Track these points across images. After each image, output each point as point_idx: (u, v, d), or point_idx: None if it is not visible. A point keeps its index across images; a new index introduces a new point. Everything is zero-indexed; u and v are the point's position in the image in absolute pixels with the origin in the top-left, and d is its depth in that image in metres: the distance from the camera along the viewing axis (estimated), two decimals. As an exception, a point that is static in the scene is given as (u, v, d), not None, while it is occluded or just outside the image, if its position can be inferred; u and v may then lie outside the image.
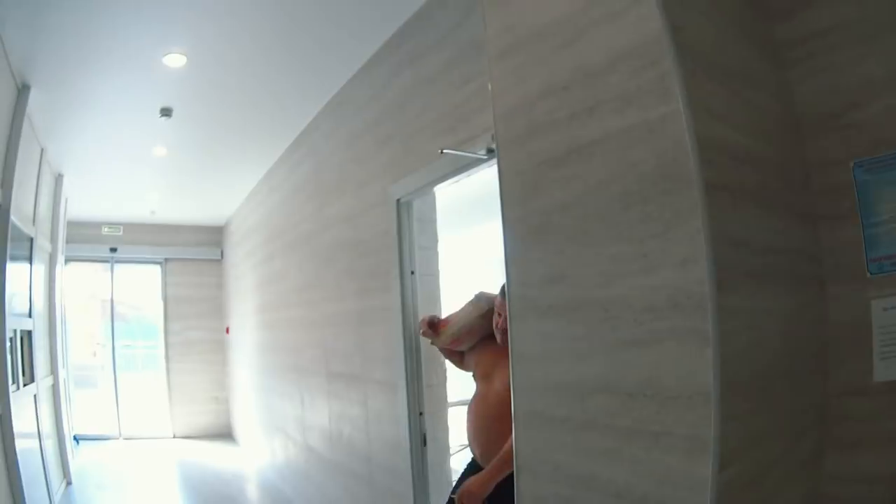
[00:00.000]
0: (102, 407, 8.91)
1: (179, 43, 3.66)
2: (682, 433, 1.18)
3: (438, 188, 3.26)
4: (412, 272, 3.45)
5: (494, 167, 1.71)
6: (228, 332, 8.94)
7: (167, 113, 4.66)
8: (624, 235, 1.29)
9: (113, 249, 8.98)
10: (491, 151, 2.51)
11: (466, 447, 2.77)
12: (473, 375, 2.75)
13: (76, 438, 7.51)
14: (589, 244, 1.38)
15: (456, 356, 2.96)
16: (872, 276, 1.45)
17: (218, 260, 9.50)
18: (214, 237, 9.55)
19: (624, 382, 1.29)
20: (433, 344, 2.93)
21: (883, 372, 1.44)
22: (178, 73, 3.98)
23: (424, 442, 3.32)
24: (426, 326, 2.87)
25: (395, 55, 3.53)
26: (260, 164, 6.32)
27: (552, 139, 1.48)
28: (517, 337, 1.62)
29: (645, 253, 1.24)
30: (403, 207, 3.47)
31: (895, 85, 1.44)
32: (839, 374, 1.53)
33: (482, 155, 2.59)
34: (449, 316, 2.86)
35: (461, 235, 7.30)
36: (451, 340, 2.81)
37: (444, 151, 2.65)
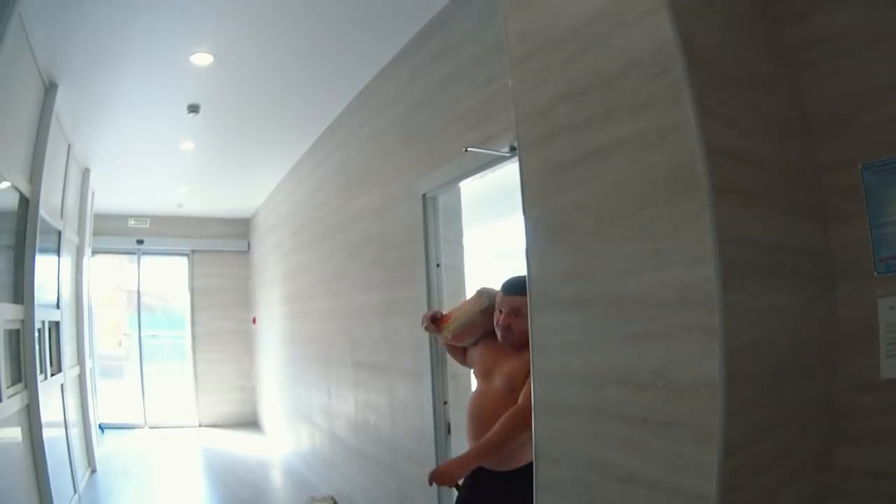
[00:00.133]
0: (128, 396, 9.07)
1: (206, 43, 3.75)
2: (690, 423, 1.24)
3: (464, 183, 3.34)
4: (437, 265, 3.54)
5: (517, 164, 1.78)
6: (255, 322, 9.04)
7: (195, 109, 4.76)
8: (637, 235, 1.36)
9: (139, 241, 9.14)
10: (514, 149, 2.57)
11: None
12: (474, 372, 2.75)
13: (101, 427, 7.67)
14: (604, 242, 1.45)
15: (459, 352, 2.95)
16: (879, 275, 1.49)
17: (245, 251, 9.61)
18: (241, 229, 9.67)
19: (636, 374, 1.36)
20: (435, 338, 2.89)
21: (889, 369, 1.47)
22: (205, 71, 4.08)
23: (449, 430, 3.42)
24: (428, 321, 2.85)
25: (419, 53, 3.61)
26: (286, 157, 6.40)
27: (570, 142, 1.55)
28: (537, 329, 1.70)
29: (656, 252, 1.31)
30: (429, 202, 3.56)
31: (903, 90, 1.48)
32: (848, 370, 1.56)
33: (505, 152, 2.66)
34: (452, 311, 2.86)
35: (488, 228, 7.35)
36: (452, 336, 2.79)
37: (468, 149, 2.71)
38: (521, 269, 1.78)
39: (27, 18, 3.19)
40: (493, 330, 2.61)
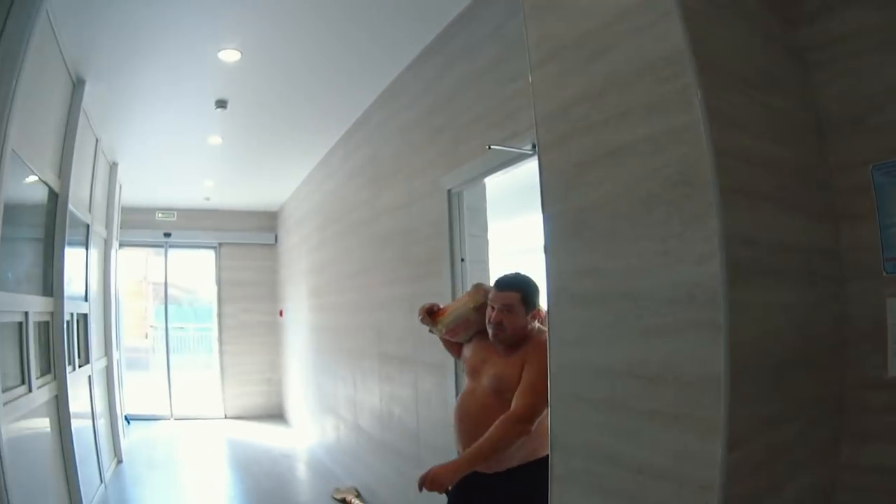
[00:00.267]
0: (154, 388, 9.17)
1: (233, 39, 3.80)
2: (696, 415, 1.29)
3: (490, 178, 3.38)
4: (462, 259, 3.60)
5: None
6: (282, 314, 9.12)
7: (222, 104, 4.81)
8: (648, 234, 1.41)
9: (167, 234, 9.22)
10: (535, 147, 2.61)
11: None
12: (465, 369, 2.68)
13: (127, 418, 7.78)
14: (618, 241, 1.51)
15: (454, 347, 2.88)
16: (889, 274, 1.50)
17: (272, 244, 9.66)
18: (269, 222, 9.72)
19: (647, 367, 1.41)
20: (431, 332, 2.85)
21: (897, 367, 1.49)
22: (232, 67, 4.13)
23: (471, 423, 3.47)
24: (424, 314, 2.77)
25: (445, 49, 3.66)
26: (314, 151, 6.44)
27: (586, 142, 1.60)
28: (555, 323, 1.76)
29: (666, 250, 1.36)
30: (454, 197, 3.62)
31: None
32: (857, 367, 1.58)
33: (528, 150, 2.70)
34: (448, 305, 2.80)
35: (514, 223, 7.38)
36: (446, 330, 2.73)
37: (491, 147, 2.76)
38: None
39: (54, 16, 3.26)
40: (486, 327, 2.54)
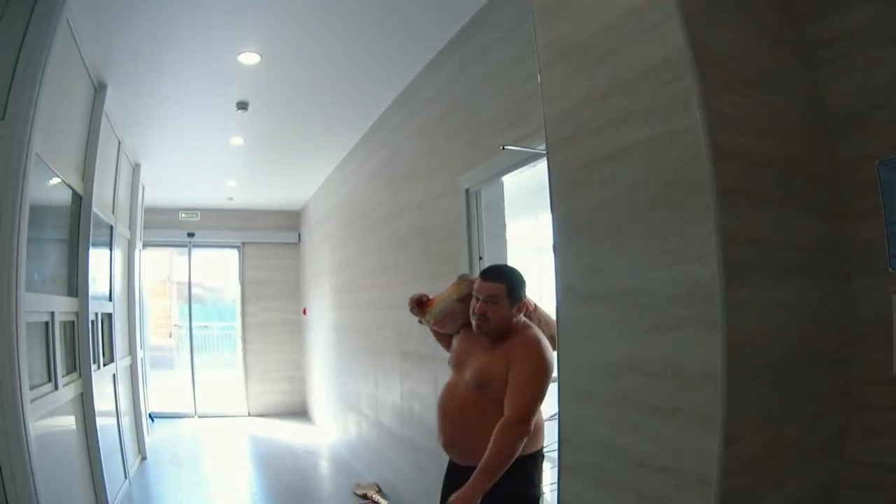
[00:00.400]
0: (178, 386, 9.23)
1: (253, 42, 3.86)
2: (695, 410, 1.33)
3: (510, 175, 3.41)
4: (480, 258, 3.63)
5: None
6: (305, 313, 9.18)
7: (243, 106, 4.86)
8: (650, 233, 1.44)
9: (190, 234, 9.27)
10: (547, 147, 2.65)
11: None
12: (449, 361, 2.60)
13: (151, 416, 7.86)
14: (622, 240, 1.54)
15: (444, 339, 2.80)
16: (894, 270, 1.51)
17: (295, 243, 9.69)
18: (292, 221, 9.75)
19: (648, 363, 1.45)
20: (421, 323, 2.77)
21: (901, 364, 1.49)
22: (252, 69, 4.19)
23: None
24: (413, 304, 2.71)
25: (460, 51, 3.70)
26: (335, 151, 6.48)
27: (593, 144, 1.64)
28: (563, 320, 1.80)
29: (667, 249, 1.39)
30: (472, 196, 3.66)
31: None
32: (862, 364, 1.59)
33: (541, 150, 2.73)
34: (436, 295, 2.72)
35: (536, 220, 7.40)
36: (434, 321, 2.67)
37: (504, 147, 2.80)
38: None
39: (75, 23, 3.35)
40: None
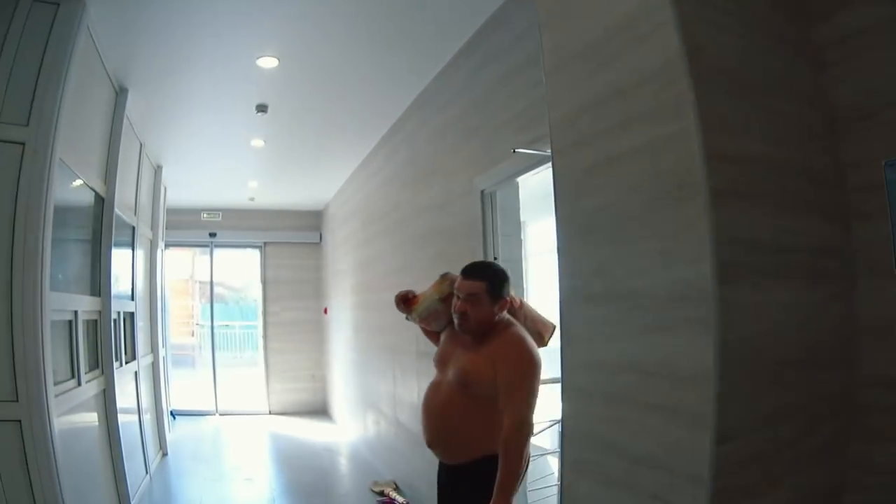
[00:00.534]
0: (200, 385, 9.32)
1: (271, 47, 3.92)
2: (689, 409, 1.36)
3: (527, 176, 3.44)
4: (495, 258, 3.67)
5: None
6: (327, 312, 9.22)
7: (263, 109, 4.92)
8: (648, 235, 1.48)
9: (212, 234, 9.34)
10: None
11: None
12: (434, 359, 2.57)
13: (173, 413, 7.94)
14: (621, 242, 1.58)
15: (433, 336, 2.78)
16: None
17: (317, 243, 9.74)
18: (313, 221, 9.80)
19: (645, 363, 1.48)
20: (408, 320, 2.72)
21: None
22: (271, 73, 4.25)
23: (503, 416, 3.55)
24: (400, 301, 2.68)
25: (477, 53, 3.74)
26: (356, 152, 6.52)
27: (594, 148, 1.67)
28: (566, 320, 1.84)
29: (663, 251, 1.43)
30: (487, 197, 3.70)
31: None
32: (868, 366, 1.58)
33: (549, 154, 2.76)
34: (422, 292, 2.69)
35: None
36: (419, 319, 2.64)
37: (515, 150, 2.84)
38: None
39: (95, 30, 3.44)
40: None
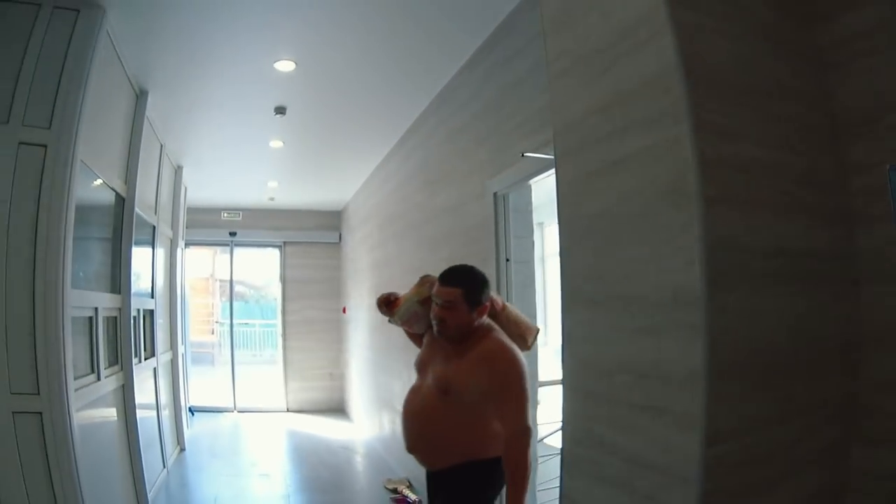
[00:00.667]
0: (219, 382, 9.45)
1: (288, 50, 3.99)
2: (679, 410, 1.38)
3: (545, 179, 3.47)
4: (507, 259, 3.71)
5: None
6: (345, 311, 9.29)
7: (281, 111, 5.00)
8: (643, 240, 1.50)
9: (232, 234, 9.45)
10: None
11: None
12: (414, 363, 2.55)
13: (191, 410, 8.04)
14: (618, 246, 1.61)
15: (416, 339, 2.74)
16: None
17: (336, 243, 9.81)
18: (333, 221, 9.87)
19: (639, 364, 1.51)
20: (391, 322, 2.68)
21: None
22: (288, 76, 4.33)
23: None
24: (381, 303, 2.63)
25: (490, 57, 3.77)
26: (374, 154, 6.60)
27: (595, 153, 1.70)
28: (567, 322, 1.87)
29: (657, 256, 1.45)
30: (500, 200, 3.73)
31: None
32: (872, 371, 1.58)
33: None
34: (404, 295, 2.63)
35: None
36: (401, 321, 2.61)
37: (524, 154, 2.86)
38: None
39: (115, 35, 3.53)
40: None
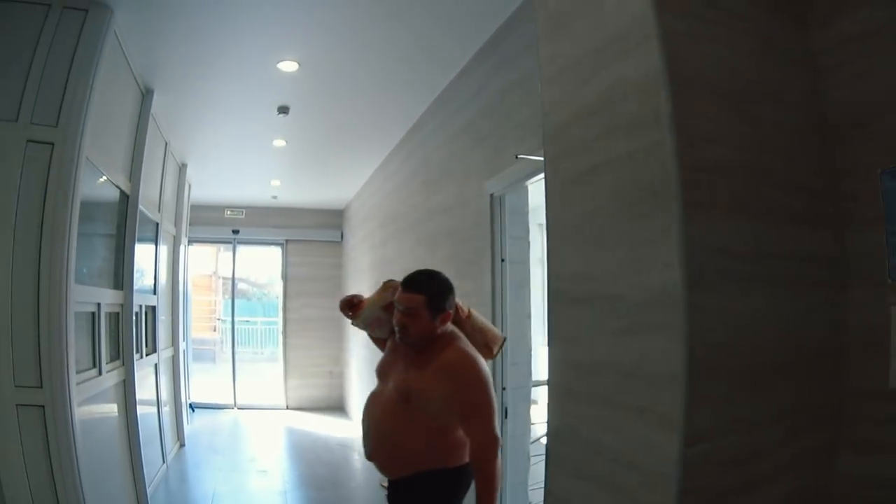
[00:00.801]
0: (220, 379, 9.56)
1: (291, 51, 4.05)
2: (659, 410, 1.40)
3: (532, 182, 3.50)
4: (503, 260, 3.74)
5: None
6: None
7: (284, 110, 5.05)
8: (626, 242, 1.52)
9: (235, 231, 9.57)
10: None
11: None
12: (375, 368, 2.53)
13: (192, 406, 8.11)
14: (602, 248, 1.63)
15: (380, 343, 2.70)
16: (894, 282, 1.48)
17: (338, 241, 9.88)
18: (334, 220, 9.93)
19: (622, 364, 1.53)
20: (355, 325, 2.64)
21: (899, 377, 1.47)
22: (291, 76, 4.38)
23: (506, 415, 3.62)
24: (344, 306, 2.58)
25: (488, 60, 3.81)
26: (375, 153, 6.65)
27: (581, 157, 1.72)
28: (554, 321, 1.89)
29: (639, 258, 1.47)
30: (496, 201, 3.76)
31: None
32: (857, 376, 1.57)
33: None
34: (368, 298, 2.59)
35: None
36: (363, 325, 2.59)
37: (519, 156, 2.88)
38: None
39: (122, 35, 3.59)
40: None
